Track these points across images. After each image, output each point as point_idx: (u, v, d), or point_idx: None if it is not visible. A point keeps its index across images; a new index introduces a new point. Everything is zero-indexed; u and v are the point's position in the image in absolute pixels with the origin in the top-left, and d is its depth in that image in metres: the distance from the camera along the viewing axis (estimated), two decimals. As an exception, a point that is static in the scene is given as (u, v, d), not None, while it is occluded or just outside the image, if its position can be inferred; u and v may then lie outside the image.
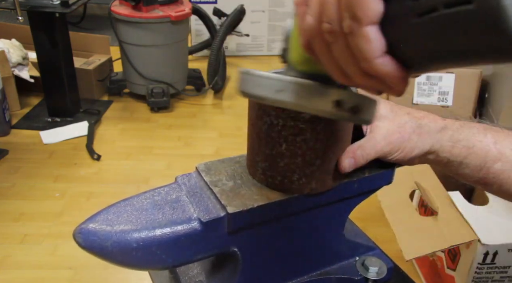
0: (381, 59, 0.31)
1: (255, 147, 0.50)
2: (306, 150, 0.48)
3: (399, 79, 0.32)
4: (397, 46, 0.30)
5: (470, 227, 1.09)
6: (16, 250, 1.40)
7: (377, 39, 0.30)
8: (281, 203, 0.50)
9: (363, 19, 0.30)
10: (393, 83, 0.32)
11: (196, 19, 2.59)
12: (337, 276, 0.60)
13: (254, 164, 0.51)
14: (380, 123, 0.51)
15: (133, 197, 0.51)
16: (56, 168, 1.79)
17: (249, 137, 0.51)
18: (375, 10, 0.29)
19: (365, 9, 0.29)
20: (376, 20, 0.30)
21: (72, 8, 1.87)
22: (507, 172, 0.51)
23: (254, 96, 0.40)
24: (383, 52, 0.31)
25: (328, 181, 0.51)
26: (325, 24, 0.32)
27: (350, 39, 0.31)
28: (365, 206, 0.63)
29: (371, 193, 0.58)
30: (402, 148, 0.51)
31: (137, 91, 2.28)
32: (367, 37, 0.30)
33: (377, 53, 0.31)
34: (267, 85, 0.39)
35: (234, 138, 2.06)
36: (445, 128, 0.52)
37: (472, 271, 1.11)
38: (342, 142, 0.50)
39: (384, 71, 0.31)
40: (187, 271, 0.58)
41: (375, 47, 0.30)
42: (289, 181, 0.50)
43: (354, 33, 0.31)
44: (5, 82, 2.02)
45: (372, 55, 0.31)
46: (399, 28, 0.30)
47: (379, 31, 0.30)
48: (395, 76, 0.31)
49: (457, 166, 0.53)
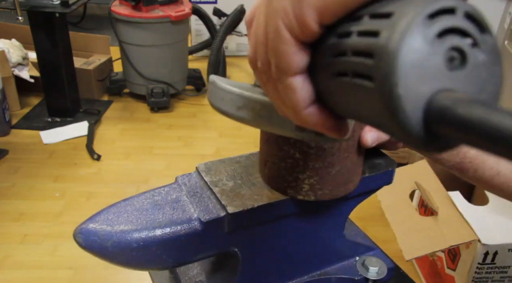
0: (307, 110, 0.29)
1: (300, 166, 0.48)
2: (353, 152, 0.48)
3: (329, 128, 0.30)
4: (323, 96, 0.29)
5: (470, 227, 1.09)
6: (16, 250, 1.40)
7: (302, 89, 0.28)
8: (281, 203, 0.50)
9: (286, 70, 0.28)
10: (324, 131, 0.30)
11: (196, 19, 2.59)
12: (337, 276, 0.60)
13: (299, 184, 0.49)
14: None
15: (133, 197, 0.51)
16: (56, 168, 1.79)
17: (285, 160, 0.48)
18: (299, 61, 0.27)
19: (287, 60, 0.27)
20: (299, 71, 0.28)
21: (72, 8, 1.87)
22: (481, 157, 0.53)
23: (218, 110, 0.38)
24: (309, 102, 0.29)
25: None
26: (258, 62, 0.30)
27: (278, 85, 0.29)
28: (365, 206, 0.63)
29: (371, 193, 0.58)
30: None
31: (137, 91, 2.28)
32: (291, 87, 0.28)
33: (303, 104, 0.28)
34: (229, 100, 0.37)
35: (234, 138, 2.06)
36: None
37: (472, 271, 1.11)
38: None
39: (312, 121, 0.29)
40: (187, 271, 0.58)
41: (300, 98, 0.28)
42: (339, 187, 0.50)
43: (280, 81, 0.29)
44: (5, 82, 2.03)
45: (298, 106, 0.29)
46: (322, 80, 0.28)
47: (306, 81, 0.28)
48: (323, 125, 0.29)
49: None
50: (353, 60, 0.24)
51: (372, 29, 0.23)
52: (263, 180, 0.52)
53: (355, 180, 0.52)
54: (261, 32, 0.29)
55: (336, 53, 0.26)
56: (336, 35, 0.26)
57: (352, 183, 0.52)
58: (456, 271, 1.18)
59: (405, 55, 0.21)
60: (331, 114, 0.29)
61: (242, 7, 2.38)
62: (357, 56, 0.24)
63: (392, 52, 0.22)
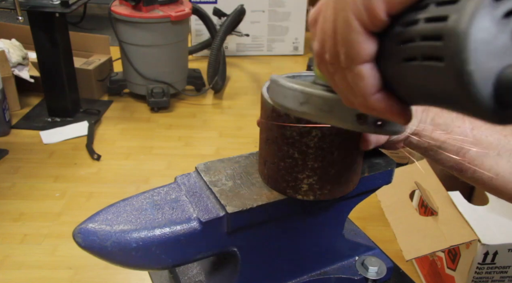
0: (375, 96, 0.31)
1: (299, 165, 0.48)
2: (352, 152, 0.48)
3: (397, 114, 0.32)
4: (390, 84, 0.31)
5: (470, 227, 1.09)
6: (16, 250, 1.40)
7: (371, 76, 0.30)
8: (280, 203, 0.50)
9: (356, 58, 0.30)
10: (391, 118, 0.32)
11: (196, 19, 2.59)
12: (337, 276, 0.60)
13: (298, 183, 0.49)
14: None
15: (133, 197, 0.51)
16: (56, 168, 1.79)
17: (283, 159, 0.49)
18: (368, 49, 0.29)
19: (357, 48, 0.29)
20: (369, 59, 0.30)
21: (72, 8, 1.87)
22: (481, 158, 0.53)
23: (281, 106, 0.40)
24: (377, 89, 0.31)
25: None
26: (326, 55, 0.33)
27: (347, 74, 0.31)
28: (365, 206, 0.63)
29: (370, 193, 0.58)
30: None
31: (137, 91, 2.28)
32: (360, 75, 0.30)
33: (371, 90, 0.31)
34: (292, 97, 0.39)
35: (234, 138, 2.06)
36: (427, 109, 0.54)
37: (472, 271, 1.11)
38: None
39: (379, 107, 0.31)
40: (187, 271, 0.58)
41: (369, 84, 0.30)
42: (338, 187, 0.50)
43: (349, 69, 0.31)
44: (5, 82, 2.03)
45: (366, 92, 0.31)
46: (390, 68, 0.30)
47: (374, 68, 0.30)
48: (391, 111, 0.31)
49: (436, 151, 0.54)
50: (422, 45, 0.26)
51: (440, 14, 0.25)
52: (263, 180, 0.52)
53: (354, 180, 0.52)
54: (329, 26, 0.31)
55: (404, 40, 0.28)
56: (403, 24, 0.28)
57: (351, 183, 0.52)
58: (456, 271, 1.18)
59: (474, 34, 0.23)
60: (397, 100, 0.31)
61: (242, 7, 2.38)
62: (426, 40, 0.26)
63: (462, 32, 0.24)
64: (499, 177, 0.53)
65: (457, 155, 0.54)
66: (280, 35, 2.92)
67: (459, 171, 0.55)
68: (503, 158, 0.53)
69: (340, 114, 0.38)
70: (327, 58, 0.33)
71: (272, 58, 2.94)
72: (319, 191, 0.49)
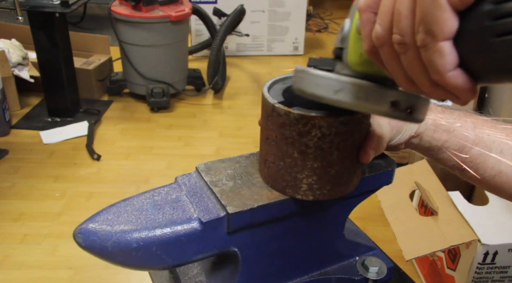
0: (453, 72, 0.32)
1: (298, 165, 0.48)
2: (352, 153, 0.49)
3: (468, 91, 0.33)
4: (469, 60, 0.32)
5: (470, 227, 1.09)
6: (16, 250, 1.40)
7: (450, 53, 0.31)
8: (281, 203, 0.50)
9: (439, 35, 0.30)
10: (461, 95, 0.33)
11: (196, 19, 2.59)
12: (337, 276, 0.60)
13: (298, 183, 0.49)
14: None
15: (133, 197, 0.51)
16: (56, 168, 1.79)
17: (283, 159, 0.49)
18: (451, 26, 0.30)
19: (441, 25, 0.30)
20: (451, 36, 0.31)
21: (72, 8, 1.87)
22: (483, 157, 0.53)
23: (312, 95, 0.41)
24: (455, 66, 0.32)
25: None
26: (396, 36, 0.33)
27: (423, 52, 0.32)
28: (365, 206, 0.63)
29: (371, 193, 0.58)
30: (401, 130, 0.53)
31: (137, 91, 2.28)
32: (441, 51, 0.31)
33: (450, 66, 0.31)
34: (325, 85, 0.40)
35: (234, 138, 2.06)
36: (429, 110, 0.54)
37: (472, 271, 1.11)
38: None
39: (455, 84, 0.32)
40: (187, 271, 0.58)
41: (449, 61, 0.31)
42: (338, 187, 0.50)
43: (428, 47, 0.31)
44: (5, 82, 2.02)
45: (444, 69, 0.31)
46: (475, 44, 0.31)
47: (453, 46, 0.31)
48: (464, 88, 0.32)
49: (437, 151, 0.54)
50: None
51: None
52: (263, 180, 0.52)
53: (354, 180, 0.52)
54: (406, 6, 0.32)
55: (497, 17, 0.29)
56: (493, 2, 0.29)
57: (351, 183, 0.52)
58: (456, 271, 1.18)
59: None
60: (470, 78, 0.32)
61: (242, 7, 2.38)
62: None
63: None
64: (502, 175, 0.54)
65: (460, 154, 0.54)
66: (280, 35, 2.92)
67: (461, 170, 0.55)
68: (506, 155, 0.53)
69: (375, 101, 0.39)
70: (397, 39, 0.33)
71: (272, 58, 2.94)
72: (319, 191, 0.49)
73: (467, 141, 0.53)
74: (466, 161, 0.54)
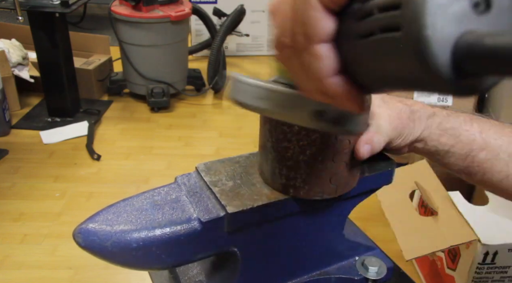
0: (332, 78, 0.30)
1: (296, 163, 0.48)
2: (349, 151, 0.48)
3: (352, 100, 0.31)
4: (348, 66, 0.29)
5: (470, 227, 1.09)
6: (16, 250, 1.40)
7: (328, 57, 0.29)
8: (280, 203, 0.50)
9: (313, 37, 0.29)
10: (346, 103, 0.31)
11: (196, 19, 2.59)
12: (337, 276, 0.60)
13: (296, 182, 0.49)
14: (379, 111, 0.52)
15: (133, 197, 0.51)
16: (56, 168, 1.79)
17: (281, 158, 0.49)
18: (325, 28, 0.28)
19: (314, 26, 0.28)
20: (326, 38, 0.29)
21: (72, 8, 1.87)
22: (490, 161, 0.52)
23: (240, 103, 0.40)
24: (335, 71, 0.29)
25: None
26: (283, 38, 0.32)
27: (304, 56, 0.30)
28: (365, 206, 0.63)
29: (371, 193, 0.58)
30: (403, 133, 0.52)
31: (137, 91, 2.28)
32: (317, 55, 0.29)
33: (328, 72, 0.29)
34: (248, 92, 0.39)
35: (234, 138, 2.06)
36: (434, 115, 0.53)
37: (472, 271, 1.11)
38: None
39: (335, 91, 0.30)
40: (187, 271, 0.58)
41: (326, 66, 0.29)
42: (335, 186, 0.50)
43: (306, 50, 0.30)
44: (5, 82, 2.02)
45: (322, 74, 0.30)
46: (348, 48, 0.28)
47: (332, 50, 0.29)
48: (347, 96, 0.30)
49: (444, 155, 0.54)
50: (380, 16, 0.25)
51: None
52: (261, 177, 0.52)
53: (351, 180, 0.52)
54: (288, 7, 0.30)
55: (363, 16, 0.27)
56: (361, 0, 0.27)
57: (349, 183, 0.51)
58: (456, 271, 1.18)
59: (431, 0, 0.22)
60: (355, 86, 0.30)
61: (242, 7, 2.38)
62: (383, 11, 0.25)
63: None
64: (510, 179, 0.53)
65: (466, 159, 0.53)
66: (280, 35, 2.92)
67: (468, 175, 0.54)
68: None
69: (299, 111, 0.37)
70: (285, 41, 0.31)
71: (272, 58, 2.94)
72: (314, 190, 0.49)
73: (473, 145, 0.52)
74: (473, 165, 0.53)
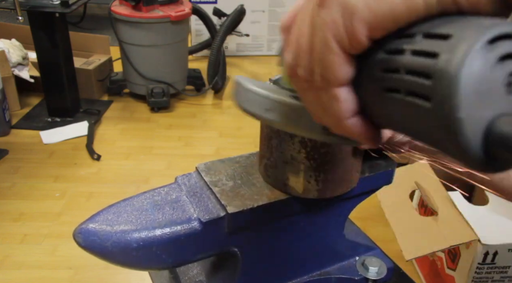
0: (351, 120, 0.30)
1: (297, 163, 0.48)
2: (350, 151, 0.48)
3: (368, 139, 0.31)
4: (367, 109, 0.29)
5: (470, 227, 1.09)
6: (16, 250, 1.40)
7: (347, 100, 0.29)
8: (281, 203, 0.50)
9: (333, 80, 0.28)
10: (363, 141, 0.31)
11: (196, 19, 2.59)
12: (337, 276, 0.60)
13: (292, 180, 0.49)
14: None
15: (133, 197, 0.51)
16: (56, 168, 1.79)
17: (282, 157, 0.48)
18: (345, 73, 0.28)
19: (334, 70, 0.28)
20: (345, 83, 0.28)
21: (72, 8, 1.87)
22: None
23: (245, 111, 0.39)
24: (353, 113, 0.29)
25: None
26: (300, 69, 0.30)
27: (321, 94, 0.30)
28: (365, 206, 0.63)
29: (371, 193, 0.58)
30: None
31: (137, 91, 2.28)
32: (336, 98, 0.29)
33: (346, 114, 0.29)
34: (257, 102, 0.37)
35: (234, 138, 2.06)
36: None
37: (472, 271, 1.11)
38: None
39: (353, 131, 0.30)
40: (187, 271, 0.58)
41: (344, 109, 0.29)
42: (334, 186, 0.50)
43: (325, 90, 0.29)
44: (5, 82, 2.02)
45: (341, 116, 0.29)
46: (369, 94, 0.28)
47: (351, 93, 0.29)
48: (363, 136, 0.30)
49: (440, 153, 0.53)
50: (408, 79, 0.24)
51: (430, 50, 0.23)
52: (261, 176, 0.52)
53: (351, 179, 0.52)
54: (305, 41, 0.29)
55: (388, 69, 0.26)
56: (386, 51, 0.26)
57: (349, 182, 0.51)
58: (456, 271, 1.18)
59: (466, 79, 0.21)
60: (371, 125, 0.30)
61: (242, 7, 2.38)
62: (412, 75, 0.24)
63: (453, 75, 0.22)
64: (511, 178, 0.53)
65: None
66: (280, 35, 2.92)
67: (468, 174, 0.54)
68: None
69: (307, 124, 0.36)
70: (301, 74, 0.30)
71: (272, 58, 2.94)
72: (314, 189, 0.49)
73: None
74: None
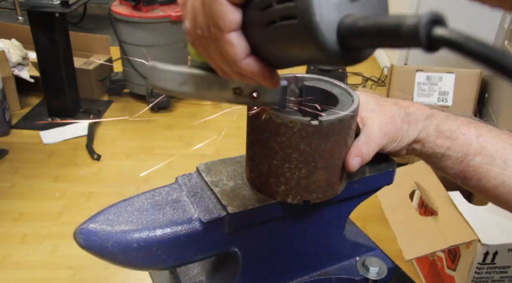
0: (245, 60, 0.34)
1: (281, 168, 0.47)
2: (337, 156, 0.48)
3: (265, 76, 0.35)
4: (257, 48, 0.34)
5: (470, 227, 1.09)
6: (16, 250, 1.40)
7: (239, 43, 0.34)
8: (281, 204, 0.50)
9: (223, 28, 0.33)
10: (261, 80, 0.36)
11: (196, 19, 2.59)
12: (338, 276, 0.60)
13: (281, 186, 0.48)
14: (371, 116, 0.51)
15: (134, 197, 0.51)
16: (56, 168, 1.79)
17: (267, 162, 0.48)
18: (233, 19, 0.33)
19: (223, 18, 0.33)
20: (235, 27, 0.33)
21: (72, 8, 1.87)
22: (486, 166, 0.52)
23: (162, 89, 0.43)
24: (246, 54, 0.34)
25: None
26: (197, 30, 0.36)
27: (218, 44, 0.34)
28: (365, 206, 0.63)
29: (371, 193, 0.58)
30: (396, 138, 0.52)
31: (137, 91, 2.28)
32: (229, 42, 0.33)
33: (241, 56, 0.34)
34: (171, 79, 0.42)
35: (234, 138, 2.06)
36: (431, 116, 0.53)
37: (472, 271, 1.11)
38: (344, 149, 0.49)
39: (251, 71, 0.35)
40: (187, 271, 0.58)
41: (238, 51, 0.34)
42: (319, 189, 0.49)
43: (219, 39, 0.34)
44: (5, 82, 2.02)
45: (236, 58, 0.34)
46: (256, 33, 0.34)
47: (242, 36, 0.34)
48: (261, 74, 0.35)
49: (440, 158, 0.53)
50: (278, 8, 0.31)
51: None
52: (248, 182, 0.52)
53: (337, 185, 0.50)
54: (198, 3, 0.34)
55: (264, 7, 0.32)
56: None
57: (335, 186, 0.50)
58: (456, 271, 1.18)
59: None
60: (265, 64, 0.35)
61: (242, 7, 2.39)
62: (280, 3, 0.31)
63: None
64: (505, 185, 0.52)
65: (462, 162, 0.52)
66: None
67: (463, 179, 0.54)
68: (510, 166, 0.51)
69: (218, 90, 0.42)
70: (199, 33, 0.35)
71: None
72: (300, 194, 0.48)
73: (470, 149, 0.52)
74: (469, 170, 0.52)
